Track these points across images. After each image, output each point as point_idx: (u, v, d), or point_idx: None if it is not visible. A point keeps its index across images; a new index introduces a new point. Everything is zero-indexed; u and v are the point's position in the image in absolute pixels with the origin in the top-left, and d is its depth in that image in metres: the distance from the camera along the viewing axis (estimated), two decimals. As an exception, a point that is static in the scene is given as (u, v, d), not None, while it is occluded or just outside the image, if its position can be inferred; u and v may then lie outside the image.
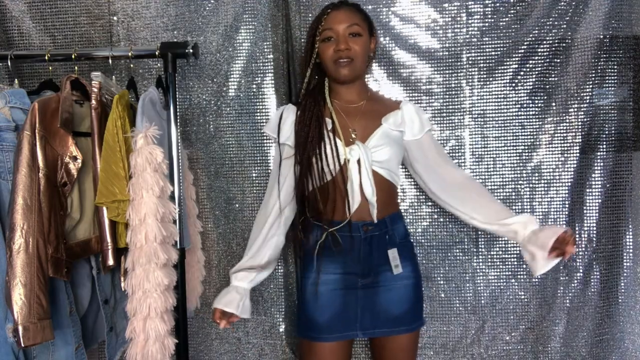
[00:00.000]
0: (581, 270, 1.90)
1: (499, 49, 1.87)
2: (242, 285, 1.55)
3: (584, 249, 1.90)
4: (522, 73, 1.88)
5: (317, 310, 1.54)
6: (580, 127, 1.87)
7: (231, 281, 1.58)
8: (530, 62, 1.86)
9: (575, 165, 1.88)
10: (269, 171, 1.95)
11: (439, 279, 1.93)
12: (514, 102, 1.89)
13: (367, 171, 1.49)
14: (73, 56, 1.57)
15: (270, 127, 1.67)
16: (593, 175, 1.87)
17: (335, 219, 1.53)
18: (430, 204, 1.92)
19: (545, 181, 1.90)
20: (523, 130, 1.89)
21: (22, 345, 1.25)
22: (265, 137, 1.95)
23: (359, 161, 1.49)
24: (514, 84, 1.88)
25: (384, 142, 1.53)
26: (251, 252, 1.58)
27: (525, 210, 1.90)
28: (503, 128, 1.90)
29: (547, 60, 1.86)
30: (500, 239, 1.91)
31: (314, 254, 1.53)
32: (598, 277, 1.90)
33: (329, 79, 1.62)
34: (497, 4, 1.86)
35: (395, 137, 1.56)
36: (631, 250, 1.89)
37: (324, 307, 1.54)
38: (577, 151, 1.87)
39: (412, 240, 1.65)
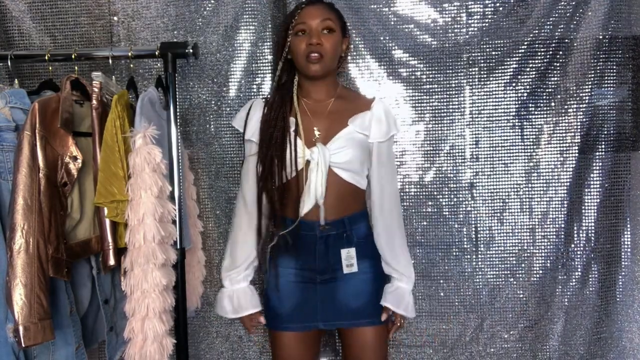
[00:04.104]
0: (579, 269, 1.91)
1: (499, 49, 1.87)
2: (246, 285, 1.64)
3: (582, 248, 1.90)
4: (522, 73, 1.88)
5: (277, 302, 1.60)
6: (579, 127, 1.87)
7: (232, 283, 1.63)
8: (530, 62, 1.87)
9: (574, 165, 1.88)
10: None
11: (438, 277, 1.94)
12: (513, 102, 1.89)
13: (322, 173, 1.50)
14: (73, 56, 1.57)
15: (237, 121, 1.68)
16: (592, 175, 1.88)
17: (289, 217, 1.56)
18: (430, 203, 1.93)
19: (544, 181, 1.90)
20: (522, 130, 1.89)
21: (23, 345, 1.25)
22: (264, 137, 1.95)
23: (319, 163, 1.51)
24: (514, 84, 1.88)
25: (347, 144, 1.53)
26: (245, 265, 1.64)
27: (524, 210, 1.90)
28: (503, 128, 1.90)
29: (547, 60, 1.86)
30: (499, 238, 1.92)
31: (267, 250, 1.58)
32: (596, 276, 1.91)
33: (298, 75, 1.62)
34: (497, 4, 1.86)
35: (360, 139, 1.56)
36: (629, 250, 1.89)
37: (284, 298, 1.58)
38: (576, 151, 1.88)
39: (372, 239, 1.65)
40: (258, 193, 1.57)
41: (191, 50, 1.59)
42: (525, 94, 1.88)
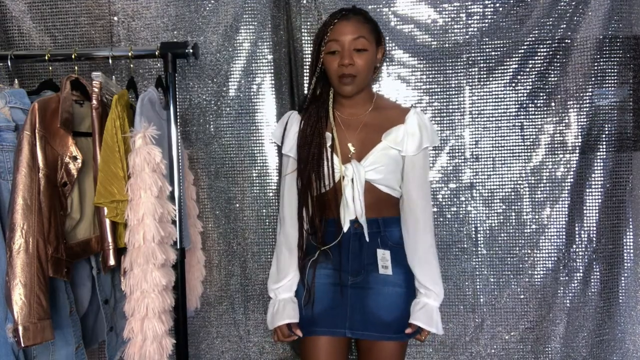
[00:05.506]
0: (581, 270, 1.90)
1: (499, 49, 1.87)
2: (289, 296, 1.59)
3: (584, 249, 1.90)
4: (522, 73, 1.87)
5: (308, 306, 1.55)
6: (580, 127, 1.87)
7: (277, 295, 1.59)
8: (530, 62, 1.86)
9: (575, 165, 1.88)
10: (269, 171, 1.96)
11: (438, 278, 1.93)
12: (514, 102, 1.89)
13: (359, 191, 1.48)
14: (73, 56, 1.57)
15: (276, 135, 1.68)
16: (593, 175, 1.88)
17: (330, 217, 1.54)
18: (430, 203, 1.92)
19: (545, 181, 1.90)
20: (523, 130, 1.89)
21: (22, 345, 1.25)
22: (265, 137, 1.95)
23: (353, 179, 1.49)
24: (514, 84, 1.88)
25: (381, 160, 1.51)
26: (289, 278, 1.60)
27: (525, 211, 1.90)
28: (503, 128, 1.90)
29: (547, 60, 1.86)
30: (499, 238, 1.92)
31: (308, 264, 1.55)
32: (598, 277, 1.90)
33: (333, 89, 1.61)
34: (497, 4, 1.86)
35: (394, 154, 1.53)
36: (631, 250, 1.89)
37: (315, 300, 1.55)
38: (577, 151, 1.87)
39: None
40: (299, 208, 1.56)
41: (191, 50, 1.59)
42: (525, 94, 1.88)
